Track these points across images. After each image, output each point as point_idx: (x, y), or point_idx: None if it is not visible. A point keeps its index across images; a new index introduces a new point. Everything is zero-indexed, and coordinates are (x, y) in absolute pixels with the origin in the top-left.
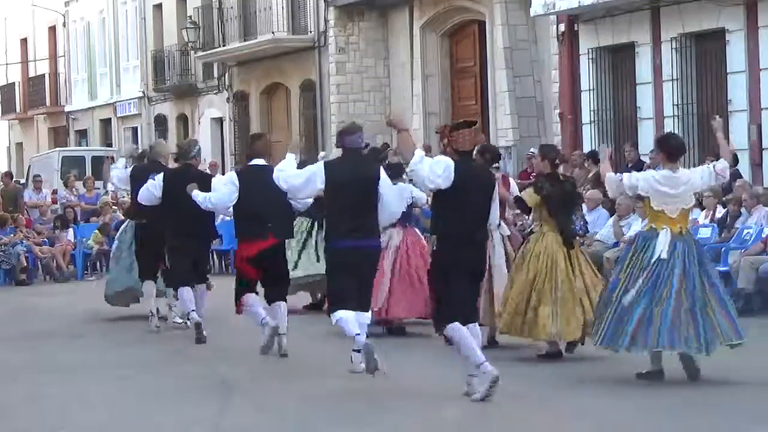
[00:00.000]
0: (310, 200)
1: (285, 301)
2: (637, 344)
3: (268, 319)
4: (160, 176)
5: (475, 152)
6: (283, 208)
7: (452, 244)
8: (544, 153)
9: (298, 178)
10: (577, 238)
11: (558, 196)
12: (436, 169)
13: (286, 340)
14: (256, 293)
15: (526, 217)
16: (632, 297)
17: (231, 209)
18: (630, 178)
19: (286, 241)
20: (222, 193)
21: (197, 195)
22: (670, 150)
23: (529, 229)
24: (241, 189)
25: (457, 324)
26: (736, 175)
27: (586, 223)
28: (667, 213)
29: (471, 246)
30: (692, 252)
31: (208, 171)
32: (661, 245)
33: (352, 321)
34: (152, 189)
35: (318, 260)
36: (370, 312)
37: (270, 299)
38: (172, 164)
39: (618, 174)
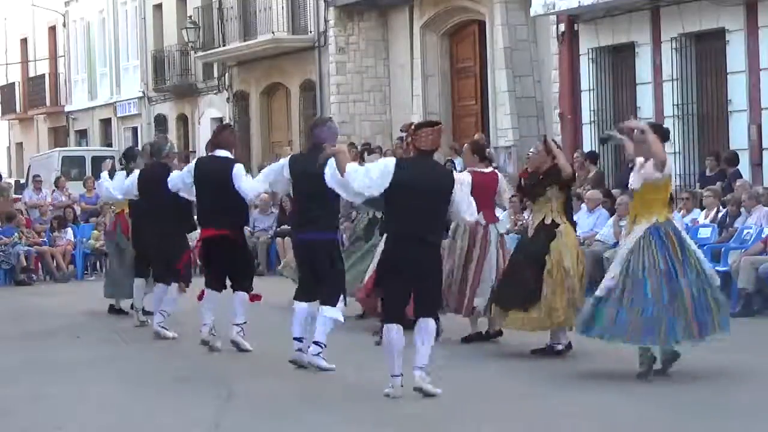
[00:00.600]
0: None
1: (246, 290)
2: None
3: (208, 324)
4: (134, 175)
5: (466, 151)
6: (234, 200)
7: (399, 244)
8: (546, 147)
9: (272, 172)
10: None
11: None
12: (371, 176)
13: (239, 332)
14: (219, 290)
15: (525, 216)
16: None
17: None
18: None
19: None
20: (178, 175)
21: (172, 173)
22: (662, 133)
23: (550, 220)
24: (197, 177)
25: (392, 326)
26: (736, 175)
27: None
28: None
29: (418, 246)
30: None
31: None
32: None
33: (299, 317)
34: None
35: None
36: (340, 305)
37: (233, 289)
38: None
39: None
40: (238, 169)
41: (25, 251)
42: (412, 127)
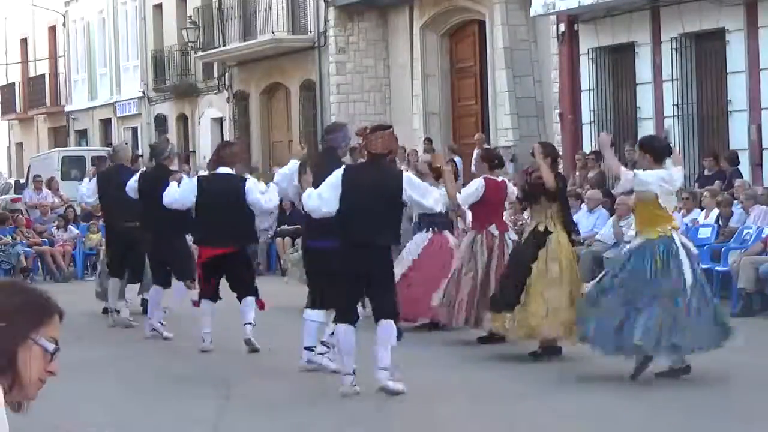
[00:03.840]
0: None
1: (252, 294)
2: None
3: (208, 337)
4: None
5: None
6: (242, 216)
7: (350, 248)
8: (546, 151)
9: (283, 179)
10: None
11: (562, 194)
12: (322, 195)
13: (252, 331)
14: (214, 300)
15: (525, 216)
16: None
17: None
18: (641, 175)
19: None
20: (179, 191)
21: (169, 189)
22: (655, 152)
23: (543, 227)
24: (199, 195)
25: (343, 327)
26: (736, 175)
27: None
28: (669, 211)
29: (369, 250)
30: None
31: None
32: (682, 250)
33: (312, 327)
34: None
35: None
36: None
37: (238, 297)
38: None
39: (630, 170)
40: (251, 184)
41: (25, 251)
42: (367, 130)
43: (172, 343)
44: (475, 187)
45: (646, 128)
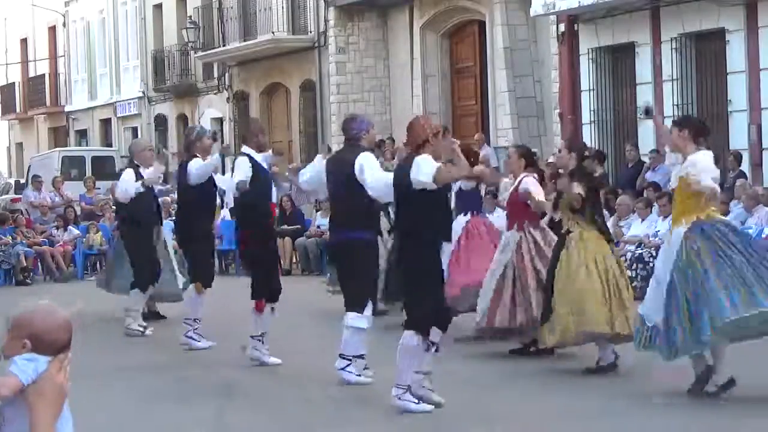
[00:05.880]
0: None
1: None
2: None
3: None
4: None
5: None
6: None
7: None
8: (570, 146)
9: (315, 176)
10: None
11: (588, 192)
12: (390, 183)
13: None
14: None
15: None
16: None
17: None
18: (711, 177)
19: None
20: (236, 173)
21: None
22: (698, 129)
23: (565, 229)
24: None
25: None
26: (739, 175)
27: None
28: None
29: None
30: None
31: None
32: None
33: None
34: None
35: None
36: (367, 311)
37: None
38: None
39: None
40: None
41: (25, 251)
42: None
43: (173, 343)
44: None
45: (646, 128)
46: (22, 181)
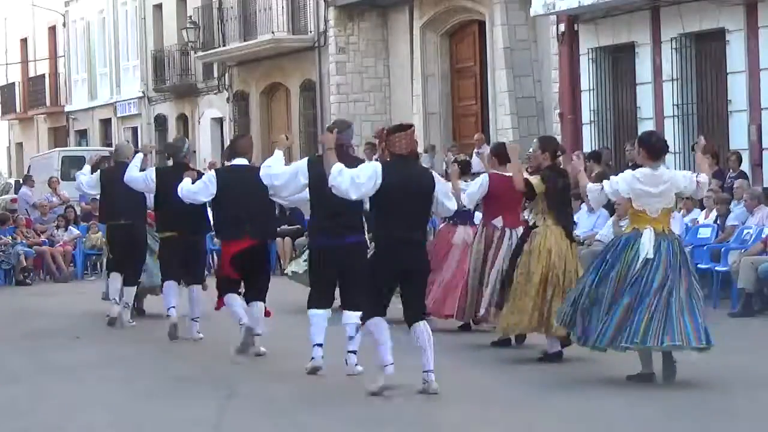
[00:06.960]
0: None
1: (263, 301)
2: (616, 342)
3: (246, 319)
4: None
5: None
6: (263, 208)
7: (387, 245)
8: (544, 145)
9: (284, 175)
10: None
11: (559, 190)
12: (359, 180)
13: (259, 341)
14: (239, 293)
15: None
16: (611, 296)
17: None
18: (611, 183)
19: None
20: (197, 187)
21: (183, 183)
22: (651, 148)
23: (532, 222)
24: (219, 188)
25: (377, 319)
26: (739, 175)
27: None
28: (648, 213)
29: (405, 246)
30: (676, 251)
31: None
32: (646, 246)
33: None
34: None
35: None
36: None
37: (248, 299)
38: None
39: (596, 183)
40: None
41: (25, 251)
42: (384, 132)
43: (173, 343)
44: (479, 184)
45: (646, 128)
46: (22, 181)
